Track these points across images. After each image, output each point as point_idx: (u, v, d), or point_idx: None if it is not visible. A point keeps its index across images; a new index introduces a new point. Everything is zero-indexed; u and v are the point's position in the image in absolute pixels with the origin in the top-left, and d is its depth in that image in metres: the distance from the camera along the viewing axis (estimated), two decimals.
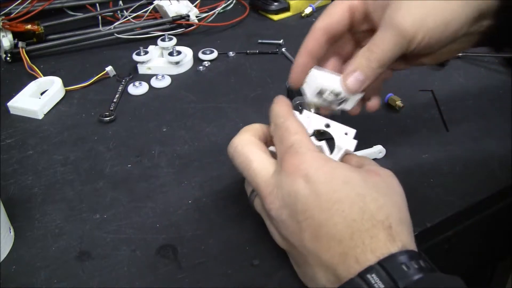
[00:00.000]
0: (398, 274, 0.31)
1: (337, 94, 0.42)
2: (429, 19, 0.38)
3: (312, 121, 0.43)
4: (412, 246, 0.35)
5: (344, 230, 0.34)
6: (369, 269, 0.32)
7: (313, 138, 0.42)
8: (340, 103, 0.43)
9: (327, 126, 0.43)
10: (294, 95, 0.52)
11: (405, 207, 0.37)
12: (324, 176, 0.35)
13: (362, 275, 0.32)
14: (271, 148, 0.42)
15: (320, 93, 0.43)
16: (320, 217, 0.34)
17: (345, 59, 0.47)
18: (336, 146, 0.42)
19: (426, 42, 0.38)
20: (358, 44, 0.47)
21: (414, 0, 0.38)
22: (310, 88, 0.43)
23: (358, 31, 0.45)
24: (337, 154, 0.42)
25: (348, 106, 0.43)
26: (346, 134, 0.42)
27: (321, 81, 0.42)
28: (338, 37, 0.45)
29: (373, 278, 0.31)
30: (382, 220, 0.34)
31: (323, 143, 0.42)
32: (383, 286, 0.31)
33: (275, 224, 0.38)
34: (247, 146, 0.40)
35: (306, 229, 0.35)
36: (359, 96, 0.43)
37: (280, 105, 0.42)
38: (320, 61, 0.45)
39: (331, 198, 0.35)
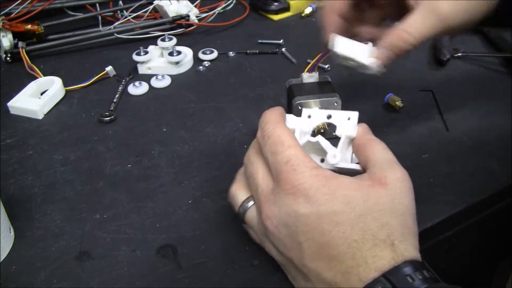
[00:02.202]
0: (403, 286, 0.31)
1: (358, 63, 0.45)
2: (460, 13, 0.43)
3: (313, 116, 0.43)
4: (416, 256, 0.34)
5: (345, 251, 0.33)
6: (374, 282, 0.32)
7: (308, 136, 0.42)
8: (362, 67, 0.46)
9: (329, 117, 0.43)
10: (294, 94, 0.52)
11: (410, 216, 0.36)
12: (324, 198, 0.35)
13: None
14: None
15: (345, 59, 0.46)
16: (320, 239, 0.34)
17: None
18: (337, 134, 0.42)
19: (455, 31, 0.44)
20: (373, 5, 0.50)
21: None
22: (336, 56, 0.46)
23: None
24: (339, 143, 0.41)
25: (370, 70, 0.46)
26: (349, 119, 0.42)
27: (346, 52, 0.45)
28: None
29: None
30: (384, 239, 0.34)
31: (319, 138, 0.42)
32: None
33: (272, 240, 0.38)
34: (254, 156, 0.41)
35: (307, 249, 0.35)
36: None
37: (272, 112, 0.41)
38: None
39: (332, 220, 0.34)
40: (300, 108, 0.46)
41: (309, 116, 0.44)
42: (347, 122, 0.42)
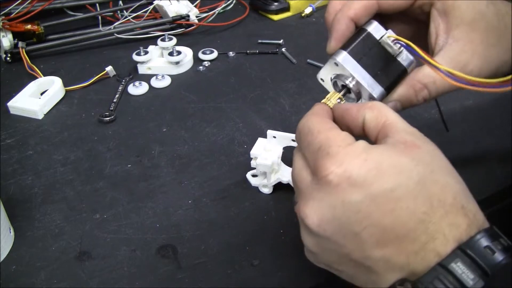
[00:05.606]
0: (485, 261, 0.28)
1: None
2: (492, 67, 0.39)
3: (278, 138, 0.48)
4: (484, 220, 0.31)
5: (416, 227, 0.29)
6: (452, 257, 0.28)
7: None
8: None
9: (293, 140, 0.47)
10: (349, 45, 0.38)
11: (456, 172, 0.32)
12: (372, 174, 0.30)
13: (444, 265, 0.28)
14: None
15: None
16: (383, 221, 0.30)
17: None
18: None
19: None
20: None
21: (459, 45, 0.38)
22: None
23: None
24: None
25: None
26: None
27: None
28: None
29: (459, 267, 0.28)
30: (453, 203, 0.30)
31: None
32: (472, 276, 0.28)
33: (317, 241, 0.33)
34: (295, 152, 0.36)
35: (368, 238, 0.30)
36: None
37: (310, 113, 0.36)
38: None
39: (390, 198, 0.30)
40: (335, 64, 0.37)
41: (274, 137, 0.48)
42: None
